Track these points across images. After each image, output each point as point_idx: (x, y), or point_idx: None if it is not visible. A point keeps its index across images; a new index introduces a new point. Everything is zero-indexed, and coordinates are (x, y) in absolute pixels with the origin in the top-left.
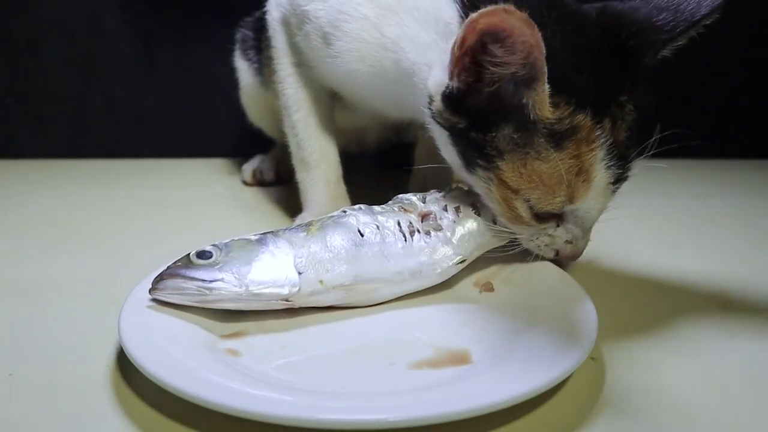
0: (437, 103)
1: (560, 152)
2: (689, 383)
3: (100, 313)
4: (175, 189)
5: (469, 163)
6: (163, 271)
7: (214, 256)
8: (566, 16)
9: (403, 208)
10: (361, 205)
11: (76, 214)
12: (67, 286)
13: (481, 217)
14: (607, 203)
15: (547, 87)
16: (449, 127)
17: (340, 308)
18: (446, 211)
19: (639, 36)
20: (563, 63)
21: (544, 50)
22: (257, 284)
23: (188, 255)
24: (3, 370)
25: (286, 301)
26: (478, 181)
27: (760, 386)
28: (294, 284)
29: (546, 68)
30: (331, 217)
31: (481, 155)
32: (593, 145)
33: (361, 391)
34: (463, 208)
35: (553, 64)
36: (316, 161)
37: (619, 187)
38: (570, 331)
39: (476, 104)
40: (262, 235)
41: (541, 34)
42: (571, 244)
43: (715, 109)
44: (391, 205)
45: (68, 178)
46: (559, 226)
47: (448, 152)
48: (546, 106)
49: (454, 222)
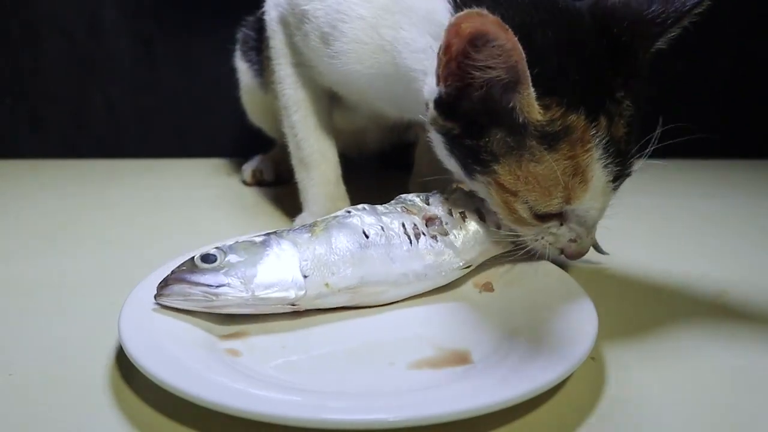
0: (431, 110)
1: (554, 153)
2: (689, 383)
3: (100, 313)
4: (175, 189)
5: (468, 170)
6: (168, 276)
7: (218, 260)
8: (555, 15)
9: (406, 209)
10: (364, 205)
11: (76, 214)
12: (67, 286)
13: (485, 223)
14: (608, 201)
15: (532, 90)
16: (445, 134)
17: (342, 308)
18: (451, 215)
19: (631, 30)
20: (553, 64)
21: (523, 53)
22: (263, 288)
23: (192, 259)
24: (3, 370)
25: (292, 305)
26: (479, 186)
27: (760, 386)
28: (300, 287)
29: (528, 72)
30: (335, 218)
31: (477, 161)
32: (588, 145)
33: (361, 391)
34: (468, 213)
35: (542, 66)
36: (316, 161)
37: (621, 184)
38: (570, 331)
39: (468, 110)
40: (266, 236)
41: (523, 36)
42: (575, 242)
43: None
44: (394, 206)
45: (68, 179)
46: (562, 225)
47: (447, 160)
48: (534, 109)
49: (459, 227)
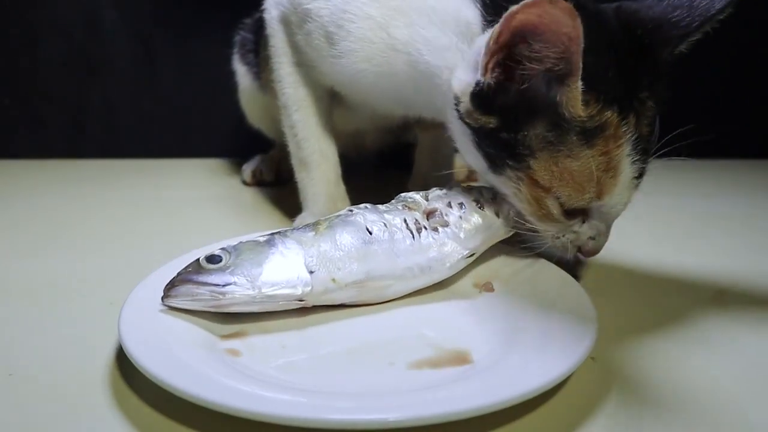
0: (465, 104)
1: (591, 149)
2: (689, 383)
3: (100, 313)
4: (175, 189)
5: (497, 165)
6: (174, 278)
7: (224, 260)
8: (588, 16)
9: (407, 206)
10: (366, 204)
11: (76, 214)
12: (66, 286)
13: (484, 211)
14: (631, 197)
15: (580, 84)
16: (478, 129)
17: (342, 308)
18: (450, 208)
19: (656, 32)
20: (592, 60)
21: (583, 44)
22: (270, 286)
23: (198, 260)
24: (3, 370)
25: (299, 301)
26: (507, 182)
27: (760, 386)
28: (306, 283)
29: (581, 63)
30: (339, 216)
31: (511, 155)
32: (620, 141)
33: (361, 391)
34: (467, 204)
35: (584, 61)
36: (316, 161)
37: (641, 182)
38: (570, 331)
39: (507, 103)
40: (270, 235)
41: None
42: (593, 240)
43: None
44: (395, 204)
45: (67, 179)
46: (584, 222)
47: (472, 155)
48: (579, 104)
49: (460, 218)
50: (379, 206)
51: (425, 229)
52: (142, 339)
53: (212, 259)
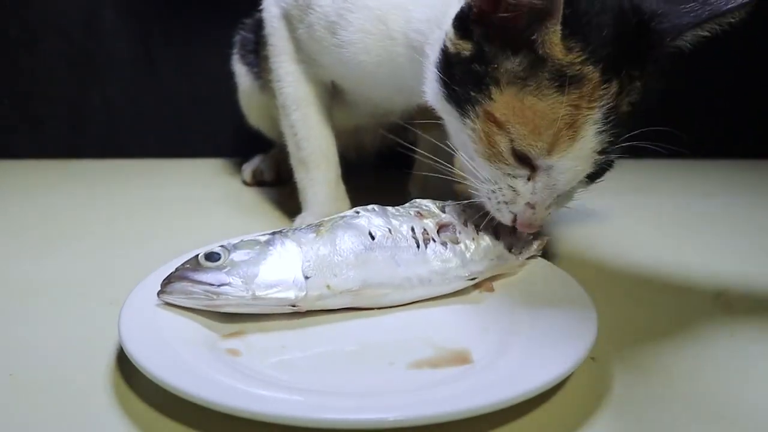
0: (449, 30)
1: (561, 96)
2: (689, 383)
3: (100, 313)
4: (175, 189)
5: (462, 106)
6: (172, 273)
7: (222, 258)
8: None
9: (419, 214)
10: (374, 206)
11: (75, 214)
12: (66, 286)
13: (499, 240)
14: (584, 173)
15: (560, 27)
16: (452, 62)
17: (343, 308)
18: (466, 226)
19: (663, 18)
20: (589, 12)
21: None
22: (264, 289)
23: (197, 257)
24: (3, 370)
25: (292, 306)
26: (466, 129)
27: (760, 385)
28: (301, 288)
29: (561, 6)
30: (343, 218)
31: (476, 87)
32: (593, 104)
33: (361, 390)
34: (483, 227)
35: (578, 9)
36: (316, 161)
37: (599, 177)
38: (570, 331)
39: (486, 33)
40: (271, 235)
41: None
42: (532, 209)
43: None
44: (408, 209)
45: (67, 179)
46: (529, 182)
47: (445, 109)
48: (556, 47)
49: (472, 239)
50: (389, 209)
51: (433, 241)
52: (142, 339)
53: (211, 257)
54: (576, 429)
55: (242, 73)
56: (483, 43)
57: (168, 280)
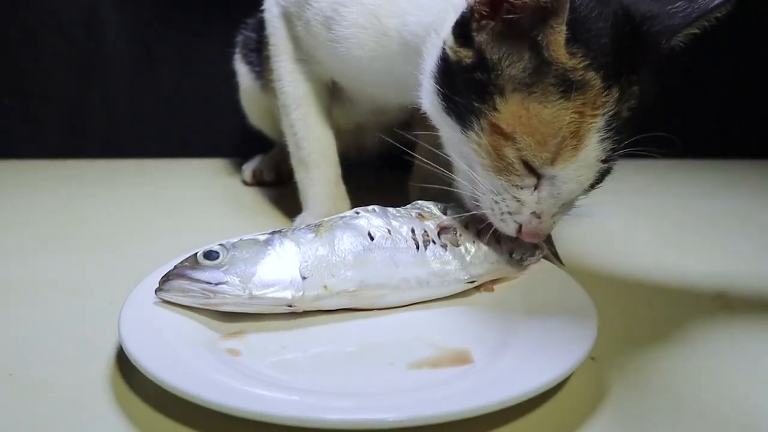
0: (449, 38)
1: (567, 102)
2: (689, 383)
3: (100, 313)
4: (175, 189)
5: (464, 119)
6: (170, 271)
7: (220, 257)
8: None
9: (420, 215)
10: (375, 207)
11: (75, 214)
12: (67, 286)
13: (500, 245)
14: (589, 181)
15: (565, 28)
16: (452, 71)
17: (343, 309)
18: (467, 229)
19: (654, 21)
20: (588, 19)
21: None
22: (261, 288)
23: (195, 255)
24: (3, 370)
25: (289, 306)
26: (470, 143)
27: (760, 386)
28: (298, 288)
29: (568, 3)
30: (343, 218)
31: (479, 97)
32: (596, 111)
33: (361, 390)
34: (484, 232)
35: (580, 15)
36: (316, 161)
37: (601, 181)
38: (570, 331)
39: (488, 39)
40: (270, 234)
41: None
42: (537, 219)
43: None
44: (409, 210)
45: (67, 179)
46: (534, 191)
47: (445, 121)
48: (562, 48)
49: (473, 242)
50: (390, 209)
51: (433, 242)
52: (142, 339)
53: (209, 255)
54: (576, 429)
55: (244, 73)
56: (485, 50)
57: (166, 278)
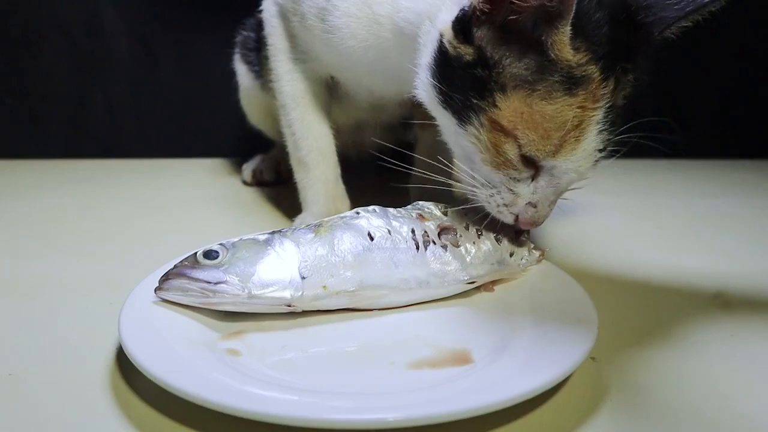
0: (449, 35)
1: (571, 98)
2: (689, 383)
3: (100, 313)
4: (175, 189)
5: (462, 115)
6: (170, 270)
7: (220, 256)
8: None
9: (421, 216)
10: (375, 207)
11: (76, 214)
12: (67, 285)
13: (500, 245)
14: (587, 170)
15: (569, 28)
16: (455, 64)
17: (343, 308)
18: (467, 230)
19: (649, 11)
20: (588, 10)
21: None
22: (260, 288)
23: (195, 254)
24: (3, 370)
25: (288, 306)
26: (468, 137)
27: (760, 386)
28: (297, 288)
29: (574, 6)
30: (343, 218)
31: (479, 94)
32: (597, 104)
33: (361, 390)
34: (485, 232)
35: (580, 9)
36: (314, 161)
37: (599, 160)
38: (570, 331)
39: (489, 36)
40: (270, 234)
41: None
42: (534, 208)
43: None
44: (410, 211)
45: (68, 179)
46: (531, 182)
47: (442, 114)
48: (567, 47)
49: (473, 243)
50: (390, 210)
51: (433, 243)
52: (142, 339)
53: (209, 255)
54: (576, 429)
55: (243, 72)
56: (486, 46)
57: (166, 277)
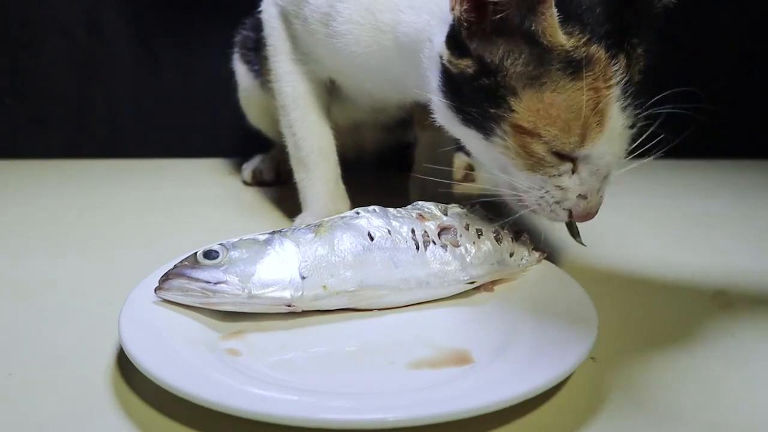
0: (446, 54)
1: (578, 82)
2: (689, 383)
3: (100, 313)
4: (175, 189)
5: (484, 126)
6: (170, 270)
7: (220, 257)
8: None
9: (421, 216)
10: (375, 207)
11: (76, 214)
12: (67, 286)
13: (500, 245)
14: (623, 150)
15: (555, 11)
16: (458, 82)
17: (343, 308)
18: (467, 230)
19: None
20: None
21: None
22: (260, 287)
23: (195, 254)
24: (3, 370)
25: (288, 306)
26: (496, 148)
27: (760, 386)
28: (297, 288)
29: None
30: (343, 218)
31: (493, 102)
32: (610, 82)
33: (361, 390)
34: (485, 232)
35: None
36: (315, 161)
37: (634, 132)
38: (570, 331)
39: (483, 44)
40: (270, 234)
41: None
42: (584, 199)
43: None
44: (409, 211)
45: (68, 179)
46: (573, 175)
47: (466, 133)
48: (558, 32)
49: (473, 243)
50: (390, 210)
51: (433, 243)
52: (142, 339)
53: (209, 255)
54: (576, 429)
55: (242, 72)
56: (483, 55)
57: (166, 277)
